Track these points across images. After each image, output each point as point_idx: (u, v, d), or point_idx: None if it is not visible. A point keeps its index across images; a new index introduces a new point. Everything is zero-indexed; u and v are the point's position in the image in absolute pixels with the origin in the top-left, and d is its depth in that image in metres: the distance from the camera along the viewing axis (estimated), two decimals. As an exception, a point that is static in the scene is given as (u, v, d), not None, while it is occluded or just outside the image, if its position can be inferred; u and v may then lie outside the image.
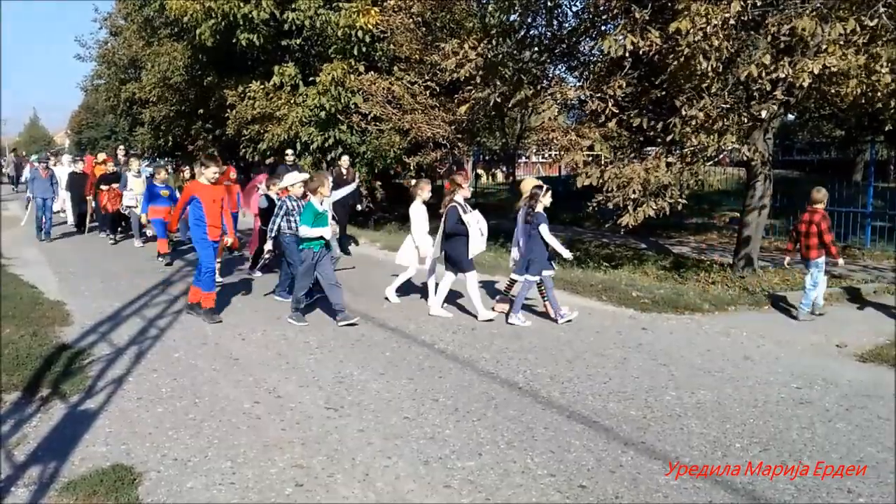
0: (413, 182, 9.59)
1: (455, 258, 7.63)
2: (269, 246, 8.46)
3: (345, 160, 13.26)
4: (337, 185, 11.52)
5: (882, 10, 7.61)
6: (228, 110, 17.58)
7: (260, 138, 16.96)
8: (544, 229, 7.30)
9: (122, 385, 5.32)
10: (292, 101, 16.29)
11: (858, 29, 7.50)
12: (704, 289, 8.85)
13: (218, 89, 18.41)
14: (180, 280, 9.65)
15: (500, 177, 37.17)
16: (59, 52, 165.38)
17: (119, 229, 14.34)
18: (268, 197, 9.90)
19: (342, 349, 6.41)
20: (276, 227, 8.16)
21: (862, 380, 5.68)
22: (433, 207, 8.46)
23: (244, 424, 4.58)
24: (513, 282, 7.96)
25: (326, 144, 16.14)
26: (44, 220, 13.88)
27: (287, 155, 13.24)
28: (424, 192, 8.28)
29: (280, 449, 4.20)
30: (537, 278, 7.41)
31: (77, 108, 57.83)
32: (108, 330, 6.92)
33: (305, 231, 7.21)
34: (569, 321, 7.40)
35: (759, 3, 8.02)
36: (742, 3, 7.47)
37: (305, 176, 8.35)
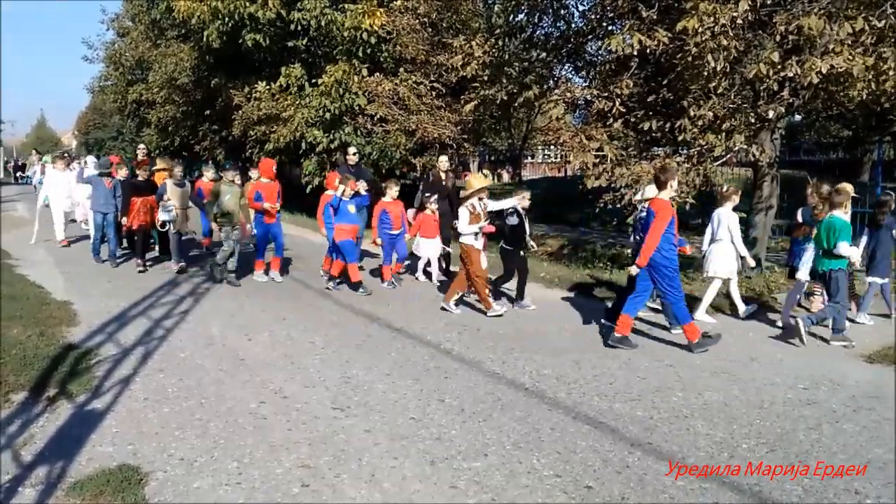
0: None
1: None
2: (634, 270, 6.66)
3: (443, 161, 10.66)
4: (435, 190, 9.99)
5: (890, 10, 7.59)
6: (235, 111, 17.68)
7: (266, 139, 17.04)
8: None
9: (129, 385, 5.33)
10: (298, 103, 16.35)
11: (867, 29, 7.47)
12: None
13: (224, 90, 18.52)
14: (185, 281, 9.67)
15: (505, 177, 37.25)
16: (67, 53, 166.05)
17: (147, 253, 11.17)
18: (516, 212, 8.41)
19: (348, 350, 6.41)
20: None
21: (869, 380, 5.65)
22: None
23: (250, 425, 4.59)
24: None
25: (332, 146, 16.19)
26: (105, 238, 11.22)
27: (349, 154, 11.82)
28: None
29: (286, 449, 4.20)
30: (887, 280, 7.67)
31: (84, 108, 58.29)
32: (114, 330, 6.94)
33: (845, 249, 6.53)
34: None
35: (767, 3, 7.99)
36: (750, 1, 7.45)
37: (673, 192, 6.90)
